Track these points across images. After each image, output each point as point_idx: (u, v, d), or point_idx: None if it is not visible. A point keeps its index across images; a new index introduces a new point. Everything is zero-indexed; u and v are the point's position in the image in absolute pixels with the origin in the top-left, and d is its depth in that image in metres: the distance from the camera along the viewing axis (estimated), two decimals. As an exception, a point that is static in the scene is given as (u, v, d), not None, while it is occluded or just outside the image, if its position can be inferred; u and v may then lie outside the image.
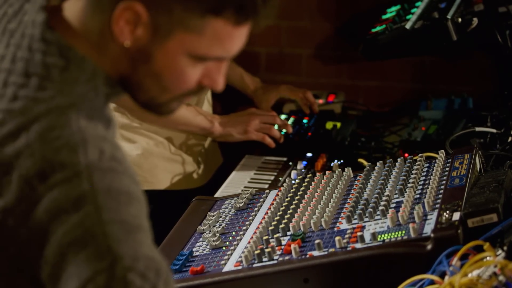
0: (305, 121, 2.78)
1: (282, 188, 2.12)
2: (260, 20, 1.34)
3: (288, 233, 1.87)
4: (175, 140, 2.59)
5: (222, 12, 1.30)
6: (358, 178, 2.06)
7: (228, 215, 2.08)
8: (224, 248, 1.90)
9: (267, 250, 1.78)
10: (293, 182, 2.15)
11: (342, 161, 2.50)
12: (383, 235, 1.72)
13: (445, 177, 1.90)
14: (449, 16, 2.50)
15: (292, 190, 2.09)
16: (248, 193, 2.15)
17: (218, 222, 2.06)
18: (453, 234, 1.63)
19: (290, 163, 2.57)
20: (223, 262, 1.83)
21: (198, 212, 2.13)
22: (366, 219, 1.82)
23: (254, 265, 1.77)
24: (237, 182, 2.52)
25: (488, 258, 1.52)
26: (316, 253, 1.74)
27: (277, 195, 2.10)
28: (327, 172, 2.13)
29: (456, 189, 1.82)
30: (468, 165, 1.93)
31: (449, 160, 2.00)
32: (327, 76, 3.32)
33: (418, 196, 1.86)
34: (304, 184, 2.10)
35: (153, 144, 2.55)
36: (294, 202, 2.01)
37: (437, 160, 2.02)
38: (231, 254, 1.85)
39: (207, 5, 1.29)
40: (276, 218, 1.94)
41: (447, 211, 1.70)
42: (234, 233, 1.97)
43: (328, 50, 3.31)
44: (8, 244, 1.27)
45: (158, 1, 1.29)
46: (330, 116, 2.81)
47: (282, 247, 1.81)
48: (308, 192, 2.05)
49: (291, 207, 1.99)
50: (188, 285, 1.78)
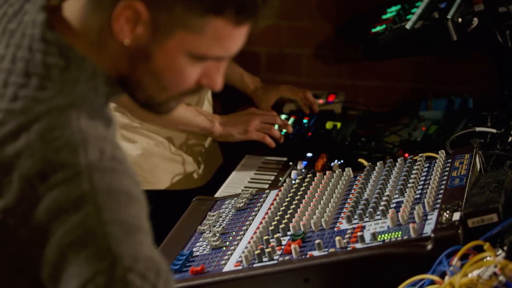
0: (305, 121, 2.78)
1: (282, 188, 2.11)
2: (260, 20, 1.34)
3: (288, 233, 1.87)
4: (176, 140, 2.59)
5: (223, 12, 1.30)
6: (358, 178, 2.06)
7: (228, 215, 2.08)
8: (224, 248, 1.90)
9: (267, 250, 1.78)
10: (293, 182, 2.15)
11: (342, 161, 2.50)
12: (383, 235, 1.72)
13: (445, 177, 1.90)
14: (449, 16, 2.50)
15: (292, 190, 2.09)
16: (248, 193, 2.15)
17: (218, 222, 2.05)
18: (453, 234, 1.63)
19: (290, 163, 2.57)
20: (223, 262, 1.82)
21: (198, 212, 2.13)
22: (366, 219, 1.82)
23: (254, 265, 1.77)
24: (237, 182, 2.51)
25: (488, 258, 1.52)
26: (316, 253, 1.73)
27: (277, 195, 2.09)
28: (327, 172, 2.13)
29: (456, 189, 1.82)
30: (468, 165, 1.93)
31: (449, 160, 2.00)
32: (327, 76, 3.32)
33: (418, 196, 1.86)
34: (304, 184, 2.10)
35: (153, 144, 2.55)
36: (294, 202, 2.01)
37: (437, 160, 2.02)
38: (231, 254, 1.85)
39: (207, 5, 1.29)
40: (276, 218, 1.94)
41: (447, 211, 1.70)
42: (234, 233, 1.97)
43: (328, 50, 3.31)
44: (8, 244, 1.28)
45: (159, 0, 1.29)
46: (330, 116, 2.80)
47: (282, 247, 1.80)
48: (308, 192, 2.05)
49: (291, 207, 1.99)
50: (188, 285, 1.78)
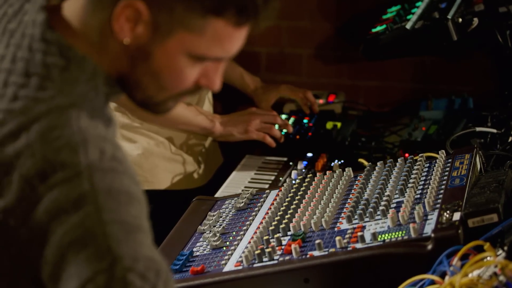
0: (305, 121, 2.78)
1: (282, 188, 2.11)
2: (260, 22, 1.34)
3: (289, 233, 1.87)
4: (176, 140, 2.59)
5: (223, 13, 1.30)
6: (359, 178, 2.06)
7: (229, 215, 2.08)
8: (224, 248, 1.90)
9: (267, 250, 1.78)
10: (293, 182, 2.14)
11: (342, 161, 2.50)
12: (383, 235, 1.72)
13: (445, 177, 1.90)
14: (449, 16, 2.50)
15: (292, 190, 2.09)
16: (248, 193, 2.15)
17: (218, 222, 2.05)
18: (453, 234, 1.63)
19: (291, 163, 2.57)
20: (223, 262, 1.82)
21: (199, 212, 2.13)
22: (367, 219, 1.81)
23: (255, 265, 1.77)
24: (237, 182, 2.51)
25: (489, 258, 1.52)
26: (316, 253, 1.73)
27: (278, 195, 2.09)
28: (328, 172, 2.13)
29: (457, 189, 1.82)
30: (468, 165, 1.93)
31: (450, 160, 2.00)
32: (327, 76, 3.32)
33: (419, 196, 1.86)
34: (304, 184, 2.10)
35: (153, 144, 2.55)
36: (294, 202, 2.01)
37: (437, 160, 2.02)
38: (232, 254, 1.85)
39: (208, 5, 1.29)
40: (276, 218, 1.94)
41: (448, 211, 1.70)
42: (234, 233, 1.96)
43: (329, 50, 3.31)
44: (9, 244, 1.28)
45: (160, 0, 1.29)
46: (330, 116, 2.80)
47: (283, 247, 1.80)
48: (309, 192, 2.05)
49: (292, 207, 1.99)
50: (188, 285, 1.78)
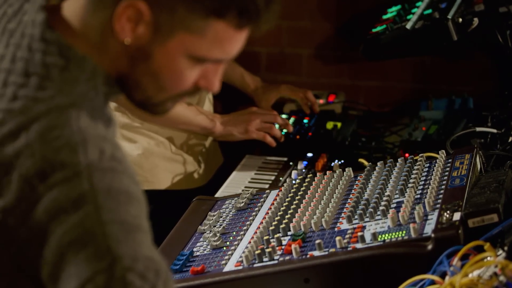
0: (305, 121, 2.77)
1: (282, 188, 2.11)
2: (261, 25, 1.34)
3: (289, 233, 1.87)
4: (176, 140, 2.59)
5: (225, 15, 1.30)
6: (359, 178, 2.06)
7: (229, 215, 2.08)
8: (224, 248, 1.90)
9: (267, 250, 1.78)
10: (293, 182, 2.14)
11: (342, 161, 2.50)
12: (383, 235, 1.71)
13: (445, 177, 1.90)
14: (449, 16, 2.50)
15: (292, 190, 2.09)
16: (248, 193, 2.15)
17: (218, 222, 2.05)
18: (453, 234, 1.63)
19: (291, 163, 2.57)
20: (223, 262, 1.82)
21: (199, 212, 2.13)
22: (367, 219, 1.81)
23: (255, 265, 1.77)
24: (237, 182, 2.51)
25: (489, 258, 1.52)
26: (316, 253, 1.73)
27: (278, 195, 2.09)
28: (328, 172, 2.13)
29: (457, 189, 1.81)
30: (468, 165, 1.93)
31: (450, 160, 1.99)
32: (327, 76, 3.32)
33: (419, 196, 1.86)
34: (304, 184, 2.10)
35: (153, 144, 2.54)
36: (294, 202, 2.01)
37: (437, 160, 2.02)
38: (232, 254, 1.85)
39: (210, 7, 1.29)
40: (276, 218, 1.94)
41: (448, 211, 1.70)
42: (234, 233, 1.96)
43: (329, 50, 3.31)
44: (8, 244, 1.27)
45: (162, 0, 1.29)
46: (330, 116, 2.80)
47: (283, 247, 1.80)
48: (309, 192, 2.05)
49: (292, 207, 1.99)
50: (188, 285, 1.77)
